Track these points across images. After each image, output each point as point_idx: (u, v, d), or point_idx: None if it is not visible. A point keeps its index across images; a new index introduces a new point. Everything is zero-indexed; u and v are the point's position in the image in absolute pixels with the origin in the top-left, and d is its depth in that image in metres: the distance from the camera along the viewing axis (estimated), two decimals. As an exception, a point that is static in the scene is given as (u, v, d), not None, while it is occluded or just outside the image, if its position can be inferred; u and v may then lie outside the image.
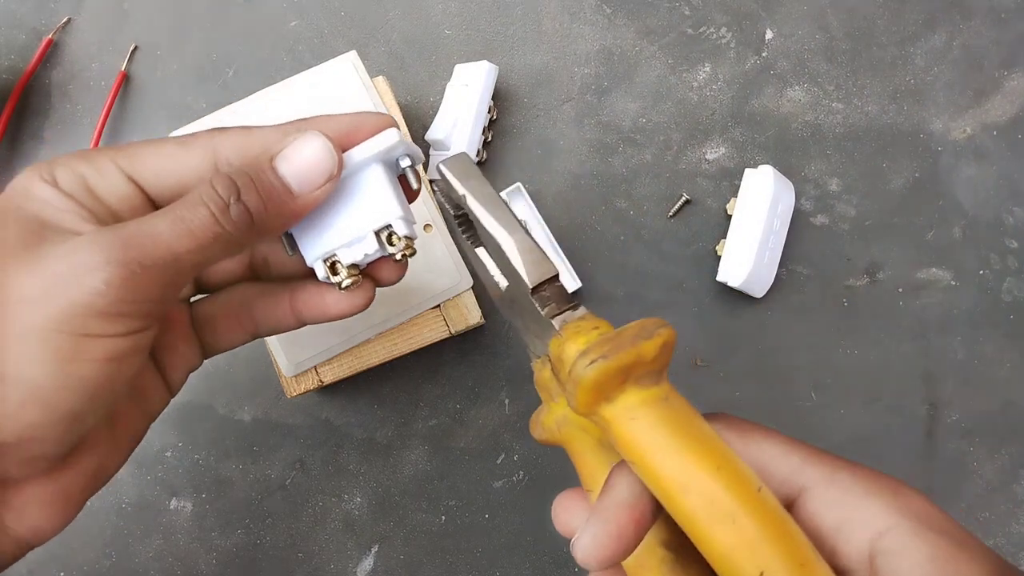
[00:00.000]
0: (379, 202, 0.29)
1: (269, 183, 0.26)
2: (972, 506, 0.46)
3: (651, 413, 0.23)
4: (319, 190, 0.27)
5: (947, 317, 0.47)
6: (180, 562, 0.46)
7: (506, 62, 0.48)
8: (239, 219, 0.25)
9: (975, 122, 0.48)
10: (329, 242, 0.29)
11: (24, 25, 0.49)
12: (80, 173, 0.26)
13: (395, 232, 0.29)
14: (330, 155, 0.26)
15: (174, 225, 0.24)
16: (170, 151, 0.27)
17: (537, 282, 0.27)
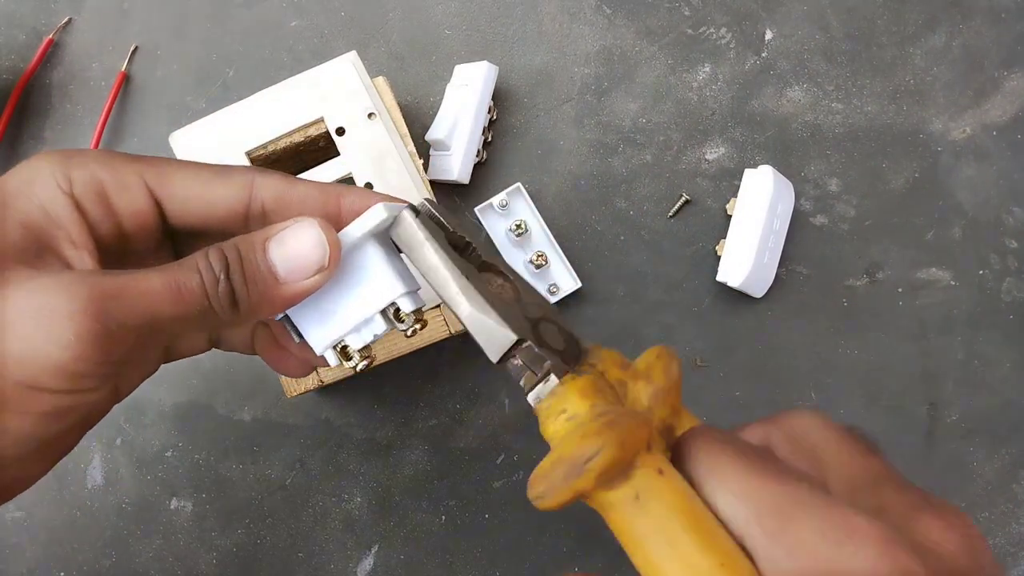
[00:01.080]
0: (380, 282, 0.28)
1: (255, 265, 0.25)
2: (972, 506, 0.46)
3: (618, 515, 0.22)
4: (308, 280, 0.25)
5: (947, 317, 0.47)
6: (180, 562, 0.46)
7: (506, 62, 0.48)
8: (223, 297, 0.24)
9: (975, 122, 0.48)
10: (336, 330, 0.28)
11: (24, 25, 0.49)
12: (99, 179, 0.25)
13: (401, 309, 0.28)
14: (322, 247, 0.25)
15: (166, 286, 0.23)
16: (206, 177, 0.26)
17: (499, 357, 0.26)
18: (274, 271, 0.25)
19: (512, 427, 0.46)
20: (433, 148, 0.46)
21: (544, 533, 0.45)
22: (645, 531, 0.21)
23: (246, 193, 0.27)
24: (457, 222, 0.28)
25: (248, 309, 0.25)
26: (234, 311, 0.24)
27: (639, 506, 0.21)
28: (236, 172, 0.27)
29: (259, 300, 0.25)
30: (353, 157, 0.42)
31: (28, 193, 0.24)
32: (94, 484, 0.47)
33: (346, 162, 0.42)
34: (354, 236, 0.27)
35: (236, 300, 0.24)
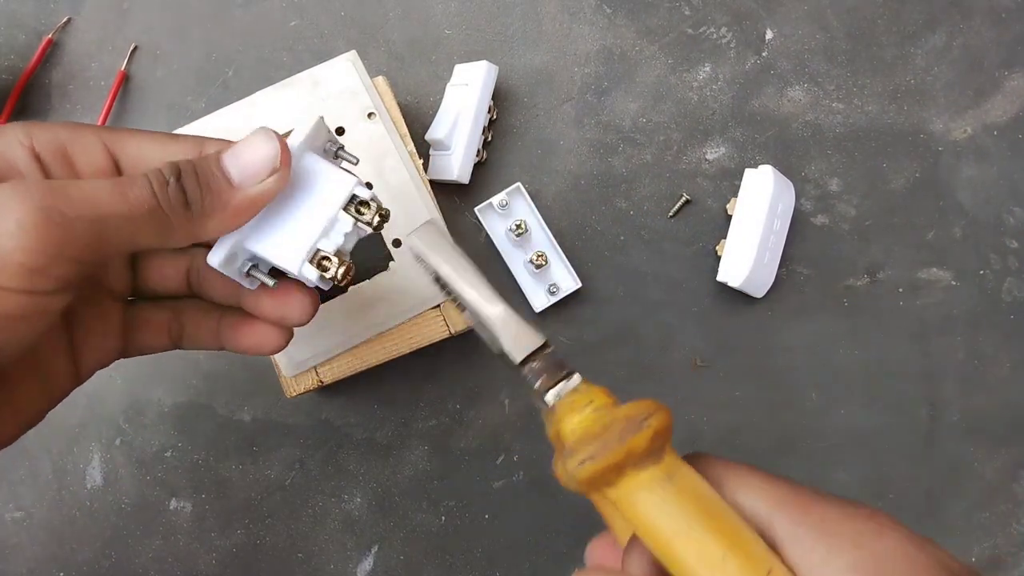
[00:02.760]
0: (332, 180, 0.29)
1: (209, 171, 0.26)
2: (972, 506, 0.46)
3: (653, 496, 0.22)
4: (262, 183, 0.26)
5: (947, 317, 0.47)
6: (180, 562, 0.46)
7: (506, 62, 0.48)
8: (174, 197, 0.24)
9: (975, 122, 0.48)
10: (304, 240, 0.28)
11: (24, 25, 0.49)
12: (60, 140, 0.26)
13: (361, 198, 0.29)
14: (274, 150, 0.26)
15: (110, 187, 0.23)
16: (160, 139, 0.27)
17: (523, 357, 0.26)
18: (228, 175, 0.26)
19: (512, 427, 0.46)
20: (433, 148, 0.46)
21: (544, 533, 0.45)
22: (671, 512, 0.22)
23: (196, 151, 0.28)
24: None
25: (201, 212, 0.25)
26: (186, 213, 0.25)
27: (671, 487, 0.22)
28: (188, 136, 0.28)
29: (212, 203, 0.25)
30: (353, 157, 0.42)
31: None
32: (94, 484, 0.47)
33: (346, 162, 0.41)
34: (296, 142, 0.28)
35: (188, 202, 0.25)
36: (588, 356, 0.46)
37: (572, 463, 0.22)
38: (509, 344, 0.26)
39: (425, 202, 0.42)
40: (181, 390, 0.47)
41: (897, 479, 0.46)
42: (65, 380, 0.29)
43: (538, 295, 0.46)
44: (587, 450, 0.22)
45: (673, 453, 0.23)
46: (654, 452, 0.23)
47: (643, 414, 0.22)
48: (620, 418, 0.23)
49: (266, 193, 0.26)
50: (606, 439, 0.22)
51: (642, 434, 0.22)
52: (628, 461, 0.22)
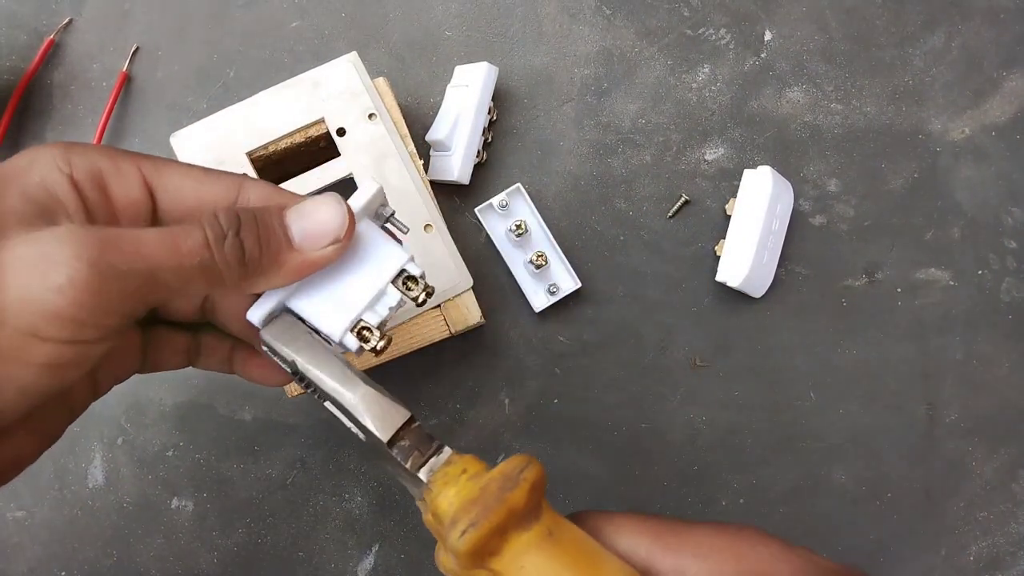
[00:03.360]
0: (386, 252, 0.28)
1: (271, 227, 0.25)
2: (971, 505, 0.46)
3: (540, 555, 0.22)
4: (323, 250, 0.26)
5: (946, 317, 0.47)
6: (181, 561, 0.46)
7: (506, 63, 0.48)
8: (230, 252, 0.24)
9: (974, 123, 0.48)
10: (351, 310, 0.28)
11: (25, 25, 0.50)
12: (98, 166, 0.25)
13: (410, 274, 0.28)
14: (342, 218, 0.26)
15: (162, 238, 0.23)
16: (198, 175, 0.27)
17: (391, 435, 0.26)
18: (289, 235, 0.25)
19: (512, 427, 0.46)
20: (433, 149, 0.47)
21: (544, 532, 0.45)
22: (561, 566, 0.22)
23: (234, 194, 0.27)
24: None
25: (256, 269, 0.25)
26: (240, 269, 0.24)
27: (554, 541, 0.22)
28: (226, 174, 0.28)
29: (270, 262, 0.25)
30: (353, 158, 0.42)
31: (29, 171, 0.24)
32: (95, 483, 0.47)
33: (346, 163, 0.42)
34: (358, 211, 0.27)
35: (244, 259, 0.24)
36: (588, 356, 0.47)
37: (454, 536, 0.22)
38: (374, 424, 0.26)
39: (425, 203, 0.42)
40: (182, 390, 0.47)
41: (896, 479, 0.46)
42: (84, 397, 0.30)
43: (538, 295, 0.46)
44: (468, 517, 0.22)
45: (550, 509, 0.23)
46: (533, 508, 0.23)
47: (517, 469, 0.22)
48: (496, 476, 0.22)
49: (325, 260, 0.26)
50: (485, 501, 0.22)
51: (520, 488, 0.22)
52: (510, 521, 0.22)
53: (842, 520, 0.46)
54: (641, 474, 0.46)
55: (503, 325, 0.47)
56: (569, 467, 0.46)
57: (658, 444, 0.46)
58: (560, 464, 0.46)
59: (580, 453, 0.46)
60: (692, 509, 0.45)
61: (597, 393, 0.46)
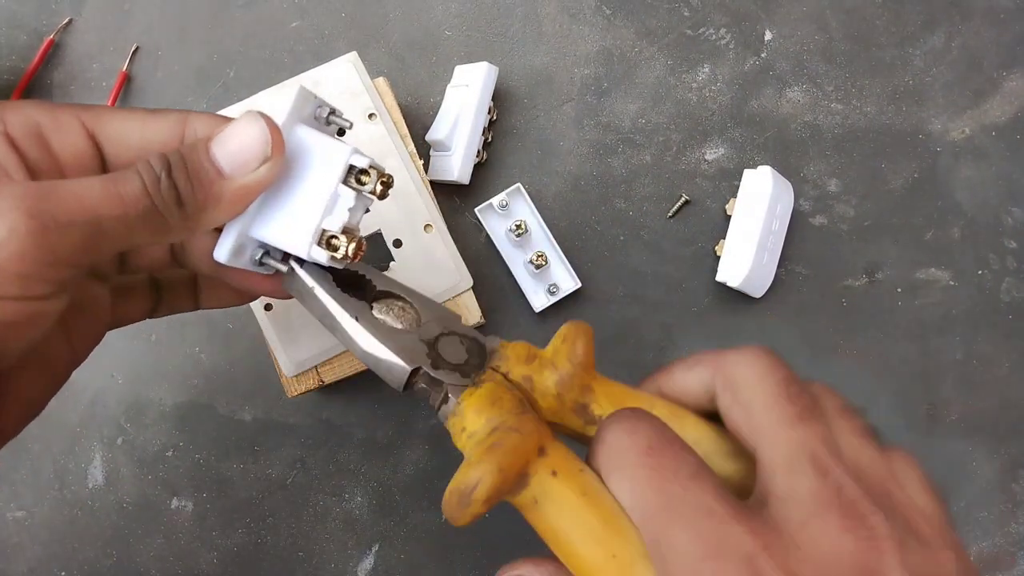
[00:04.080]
0: (327, 153, 0.27)
1: (198, 163, 0.24)
2: (971, 505, 0.46)
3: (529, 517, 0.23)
4: (255, 173, 0.25)
5: (946, 317, 0.47)
6: (181, 561, 0.46)
7: (506, 63, 0.48)
8: (167, 195, 0.23)
9: (974, 123, 0.48)
10: (309, 220, 0.27)
11: (25, 26, 0.50)
12: (36, 122, 0.25)
13: (359, 167, 0.27)
14: (264, 136, 0.25)
15: (104, 186, 0.23)
16: (140, 116, 0.26)
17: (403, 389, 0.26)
18: (218, 166, 0.25)
19: (512, 427, 0.46)
20: (433, 148, 0.47)
21: (544, 532, 0.46)
22: (546, 528, 0.23)
23: (179, 129, 0.27)
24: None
25: (195, 207, 0.24)
26: (180, 211, 0.24)
27: (537, 508, 0.23)
28: (170, 111, 0.27)
29: (205, 197, 0.24)
30: (353, 157, 0.42)
31: None
32: (95, 484, 0.47)
33: (346, 162, 0.42)
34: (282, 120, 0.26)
35: (181, 199, 0.24)
36: (588, 356, 0.47)
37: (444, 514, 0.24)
38: (385, 379, 0.27)
39: (425, 203, 0.42)
40: (182, 390, 0.47)
41: (896, 478, 0.46)
42: (64, 364, 0.29)
43: (538, 295, 0.46)
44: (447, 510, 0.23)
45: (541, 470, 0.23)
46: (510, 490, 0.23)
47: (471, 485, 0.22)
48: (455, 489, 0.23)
49: (260, 183, 0.25)
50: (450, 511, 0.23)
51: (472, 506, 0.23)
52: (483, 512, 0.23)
53: (842, 520, 0.46)
54: (641, 474, 0.46)
55: (503, 325, 0.47)
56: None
57: (658, 444, 0.46)
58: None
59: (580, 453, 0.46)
60: (692, 509, 0.46)
61: (597, 393, 0.46)
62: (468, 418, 0.25)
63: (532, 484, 0.23)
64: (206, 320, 0.47)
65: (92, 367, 0.36)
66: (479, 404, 0.25)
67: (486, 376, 0.26)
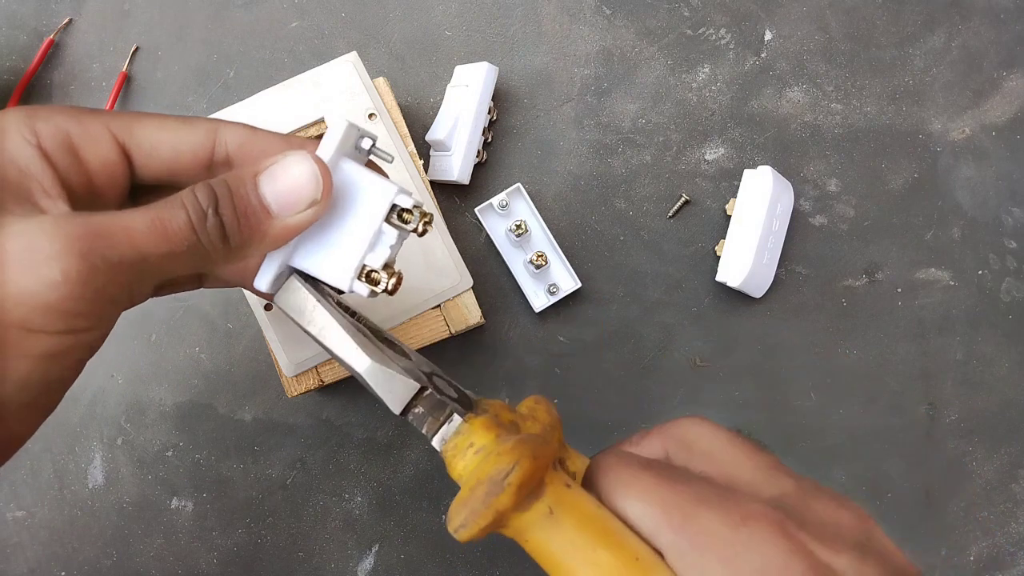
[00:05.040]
0: (372, 191, 0.27)
1: (246, 199, 0.24)
2: (971, 505, 0.46)
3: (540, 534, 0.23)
4: (301, 215, 0.25)
5: (946, 317, 0.47)
6: (181, 561, 0.46)
7: (506, 63, 0.48)
8: (213, 231, 0.24)
9: (974, 123, 0.48)
10: (351, 258, 0.27)
11: (25, 26, 0.50)
12: (65, 131, 0.25)
13: (403, 207, 0.27)
14: (315, 180, 0.25)
15: (150, 223, 0.23)
16: (171, 125, 0.26)
17: (401, 408, 0.26)
18: (266, 204, 0.25)
19: (512, 427, 0.46)
20: (433, 148, 0.47)
21: (544, 533, 0.45)
22: (561, 542, 0.22)
23: (211, 139, 0.26)
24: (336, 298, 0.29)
25: (239, 244, 0.24)
26: (225, 246, 0.24)
27: (554, 520, 0.23)
28: (200, 120, 0.27)
29: (250, 234, 0.24)
30: (353, 157, 0.42)
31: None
32: (95, 484, 0.47)
33: (346, 162, 0.42)
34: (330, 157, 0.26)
35: (226, 235, 0.24)
36: (588, 356, 0.47)
37: (451, 529, 0.23)
38: (386, 397, 0.26)
39: (426, 202, 0.42)
40: (182, 390, 0.47)
41: (896, 479, 0.46)
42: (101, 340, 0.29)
43: (538, 295, 0.46)
44: (459, 518, 0.23)
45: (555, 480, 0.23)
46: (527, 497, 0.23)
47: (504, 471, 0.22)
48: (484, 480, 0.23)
49: (305, 223, 0.25)
50: (473, 505, 0.22)
51: (504, 494, 0.22)
52: (501, 519, 0.22)
53: (842, 520, 0.46)
54: (641, 474, 0.46)
55: (503, 325, 0.47)
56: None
57: (658, 444, 0.46)
58: (560, 464, 0.46)
59: (580, 453, 0.46)
60: (692, 509, 0.45)
61: (597, 393, 0.46)
62: (477, 434, 0.25)
63: (547, 494, 0.23)
64: (206, 320, 0.47)
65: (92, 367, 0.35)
66: (487, 423, 0.25)
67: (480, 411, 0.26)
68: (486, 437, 0.25)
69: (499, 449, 0.23)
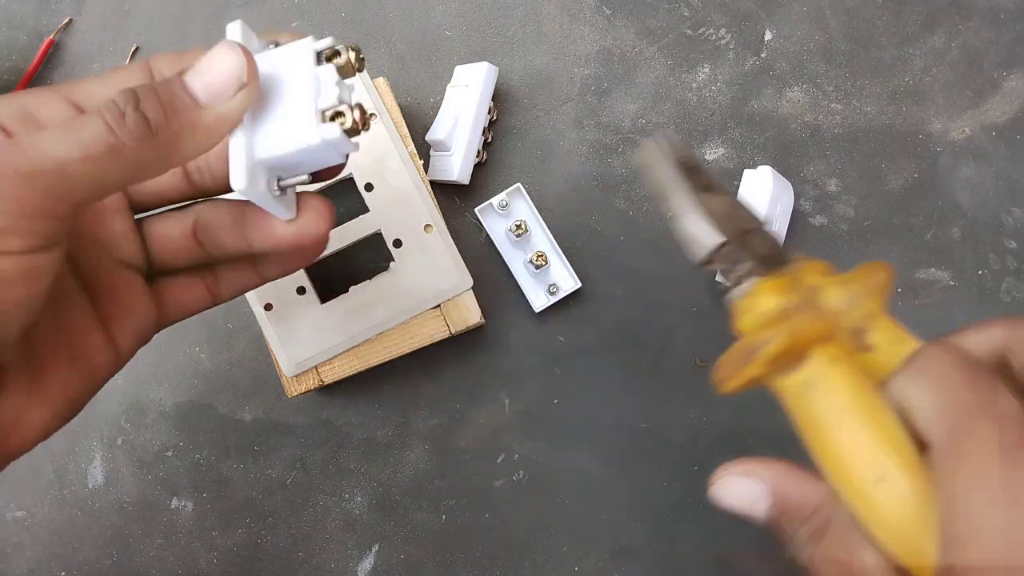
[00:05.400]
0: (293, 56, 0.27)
1: (171, 92, 0.24)
2: (971, 506, 0.46)
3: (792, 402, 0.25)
4: (232, 100, 0.25)
5: (946, 317, 0.47)
6: (181, 561, 0.46)
7: (506, 63, 0.48)
8: (135, 128, 0.23)
9: (974, 123, 0.48)
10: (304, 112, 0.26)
11: (25, 26, 0.50)
12: (21, 103, 0.26)
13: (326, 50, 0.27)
14: (240, 63, 0.24)
15: (63, 134, 0.23)
16: (109, 74, 0.27)
17: (703, 256, 0.28)
18: (194, 95, 0.24)
19: (512, 427, 0.46)
20: (433, 148, 0.47)
21: (544, 533, 0.46)
22: (813, 414, 0.24)
23: (146, 74, 0.27)
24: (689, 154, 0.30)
25: (170, 136, 0.24)
26: (153, 143, 0.24)
27: (806, 393, 0.24)
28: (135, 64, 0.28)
29: (180, 127, 0.24)
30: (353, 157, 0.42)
31: None
32: (95, 484, 0.47)
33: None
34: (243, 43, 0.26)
35: (152, 129, 0.24)
36: (588, 356, 0.47)
37: (714, 379, 0.25)
38: (690, 245, 0.28)
39: (425, 202, 0.42)
40: (182, 390, 0.47)
41: (896, 479, 0.46)
42: (103, 357, 0.29)
43: (538, 295, 0.46)
44: (719, 373, 0.25)
45: (823, 354, 0.24)
46: (783, 367, 0.24)
47: (761, 342, 0.24)
48: (743, 346, 0.24)
49: (238, 109, 0.25)
50: (729, 367, 0.24)
51: (754, 364, 0.24)
52: (751, 383, 0.24)
53: (842, 520, 0.46)
54: (641, 474, 0.46)
55: (503, 325, 0.47)
56: (569, 467, 0.46)
57: (658, 444, 0.46)
58: (560, 464, 0.46)
59: (580, 453, 0.46)
60: (693, 509, 0.45)
61: (597, 393, 0.46)
62: (762, 298, 0.26)
63: (808, 367, 0.24)
64: (206, 320, 0.47)
65: (92, 367, 0.35)
66: (777, 287, 0.26)
67: (783, 272, 0.27)
68: (768, 303, 0.25)
69: (766, 320, 0.25)
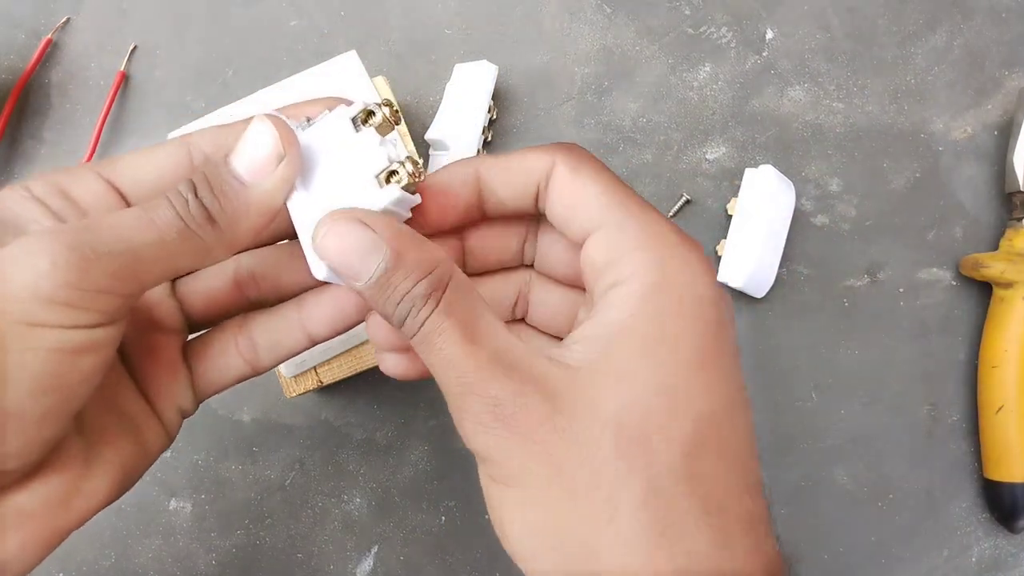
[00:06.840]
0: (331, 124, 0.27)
1: (219, 177, 0.25)
2: (972, 507, 0.46)
3: None
4: (274, 176, 0.25)
5: (948, 317, 0.47)
6: (179, 562, 0.46)
7: (506, 62, 0.48)
8: (198, 213, 0.24)
9: (976, 122, 0.48)
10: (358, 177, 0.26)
11: (23, 25, 0.49)
12: (55, 181, 0.26)
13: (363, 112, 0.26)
14: (273, 135, 0.25)
15: (136, 215, 0.24)
16: (146, 151, 0.28)
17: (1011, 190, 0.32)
18: (238, 176, 0.25)
19: (512, 427, 0.46)
20: (433, 148, 0.46)
21: (544, 534, 0.45)
22: None
23: (185, 151, 0.27)
24: None
25: (228, 223, 0.25)
26: (215, 228, 0.25)
27: None
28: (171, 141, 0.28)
29: (234, 210, 0.25)
30: (353, 157, 0.42)
31: None
32: (93, 485, 0.46)
33: (346, 162, 0.41)
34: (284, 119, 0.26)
35: (211, 216, 0.25)
36: (588, 356, 0.46)
37: None
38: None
39: (425, 202, 0.42)
40: (181, 390, 0.47)
41: (897, 479, 0.46)
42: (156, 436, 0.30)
43: (538, 295, 0.46)
44: None
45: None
46: None
47: None
48: None
49: (283, 182, 0.26)
50: None
51: None
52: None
53: (843, 521, 0.46)
54: (642, 475, 0.46)
55: (503, 325, 0.47)
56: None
57: (659, 445, 0.46)
58: (560, 465, 0.46)
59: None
60: (693, 510, 0.45)
61: (597, 393, 0.46)
62: None
63: None
64: (205, 320, 0.47)
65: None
66: None
67: None
68: None
69: None
